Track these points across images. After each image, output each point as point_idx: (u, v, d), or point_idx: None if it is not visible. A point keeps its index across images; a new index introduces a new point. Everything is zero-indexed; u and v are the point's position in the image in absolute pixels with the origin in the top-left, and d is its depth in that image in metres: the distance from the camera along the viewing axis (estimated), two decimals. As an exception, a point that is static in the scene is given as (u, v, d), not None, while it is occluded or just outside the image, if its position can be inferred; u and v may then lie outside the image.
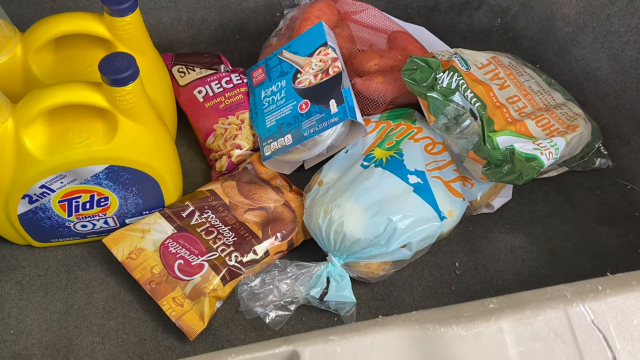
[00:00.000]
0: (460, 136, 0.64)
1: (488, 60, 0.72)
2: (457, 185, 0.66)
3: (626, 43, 0.76)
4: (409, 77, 0.66)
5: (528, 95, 0.70)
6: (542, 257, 0.70)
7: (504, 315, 0.36)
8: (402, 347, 0.35)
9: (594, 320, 0.37)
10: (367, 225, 0.61)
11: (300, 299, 0.62)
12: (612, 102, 0.79)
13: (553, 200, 0.76)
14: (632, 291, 0.38)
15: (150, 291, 0.62)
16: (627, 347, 0.36)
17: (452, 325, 0.36)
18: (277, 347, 0.35)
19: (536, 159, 0.59)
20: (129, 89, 0.54)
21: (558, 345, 0.36)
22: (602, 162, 0.77)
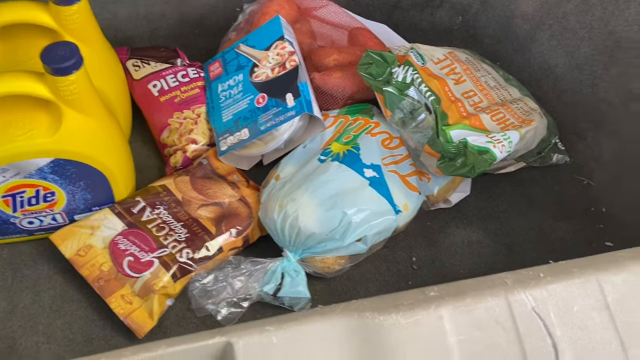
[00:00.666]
0: (416, 130, 0.64)
1: (445, 55, 0.72)
2: (413, 180, 0.66)
3: (581, 40, 0.76)
4: (365, 72, 0.66)
5: (484, 90, 0.70)
6: (499, 252, 0.70)
7: (444, 303, 0.36)
8: (340, 336, 0.34)
9: (534, 308, 0.36)
10: (322, 219, 0.60)
11: (253, 295, 0.61)
12: (568, 99, 0.80)
13: (511, 196, 0.76)
14: (572, 278, 0.38)
15: (98, 289, 0.60)
16: (567, 333, 0.36)
17: (391, 314, 0.35)
18: (211, 338, 0.34)
19: (489, 152, 0.59)
20: (73, 78, 0.52)
21: (498, 333, 0.35)
22: (559, 158, 0.77)
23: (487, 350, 0.35)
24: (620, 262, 0.39)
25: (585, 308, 0.37)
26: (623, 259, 0.39)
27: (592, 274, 0.38)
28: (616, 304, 0.37)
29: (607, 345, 0.36)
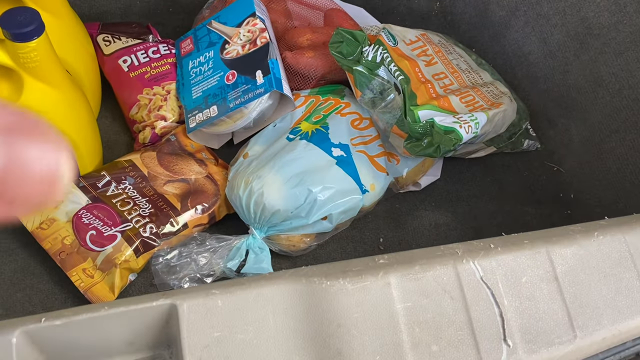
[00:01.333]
0: (385, 110, 0.64)
1: (417, 37, 0.72)
2: (381, 160, 0.66)
3: (554, 26, 0.77)
4: (335, 50, 0.66)
5: (455, 72, 0.70)
6: (466, 235, 0.70)
7: (392, 271, 0.36)
8: (287, 300, 0.34)
9: (482, 277, 0.36)
10: (287, 197, 0.60)
11: (217, 271, 0.61)
12: (542, 86, 0.80)
13: (481, 181, 0.76)
14: (523, 249, 0.38)
15: (59, 262, 0.59)
16: (514, 303, 0.36)
17: (338, 279, 0.35)
18: (155, 300, 0.34)
19: (454, 132, 0.59)
20: (33, 45, 0.51)
21: (445, 301, 0.35)
22: (530, 144, 0.78)
23: (434, 318, 0.35)
24: (570, 235, 0.39)
25: (534, 279, 0.37)
26: (574, 233, 0.39)
27: (542, 246, 0.38)
28: (565, 275, 0.37)
29: (553, 315, 0.36)
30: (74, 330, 0.33)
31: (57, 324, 0.32)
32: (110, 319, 0.33)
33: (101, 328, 0.34)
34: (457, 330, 0.35)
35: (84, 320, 0.33)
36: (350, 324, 0.34)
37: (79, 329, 0.33)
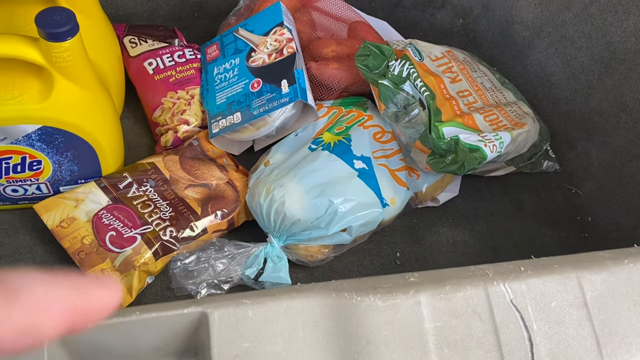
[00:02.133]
0: (409, 125, 0.64)
1: (442, 53, 0.72)
2: (402, 175, 0.66)
3: (579, 49, 0.77)
4: (361, 63, 0.66)
5: (479, 90, 0.70)
6: (483, 253, 0.70)
7: (423, 289, 0.36)
8: (317, 314, 0.34)
9: (512, 300, 0.36)
10: (308, 207, 0.60)
11: (235, 278, 0.61)
12: (563, 108, 0.80)
13: (499, 199, 0.76)
14: (553, 274, 0.38)
15: (78, 261, 0.59)
16: (544, 328, 0.36)
17: (369, 295, 0.35)
18: (186, 307, 0.34)
19: (479, 150, 0.59)
20: (67, 45, 0.52)
21: (475, 322, 0.35)
22: (549, 165, 0.78)
23: (463, 338, 0.35)
24: (600, 262, 0.39)
25: (563, 304, 0.37)
26: (604, 259, 0.39)
27: (572, 272, 0.38)
28: (594, 302, 0.37)
29: (582, 341, 0.36)
30: (104, 333, 0.33)
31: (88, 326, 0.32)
32: (141, 324, 0.33)
33: (130, 332, 0.34)
34: (486, 352, 0.35)
35: (115, 324, 0.33)
36: (380, 341, 0.34)
37: (109, 332, 0.33)
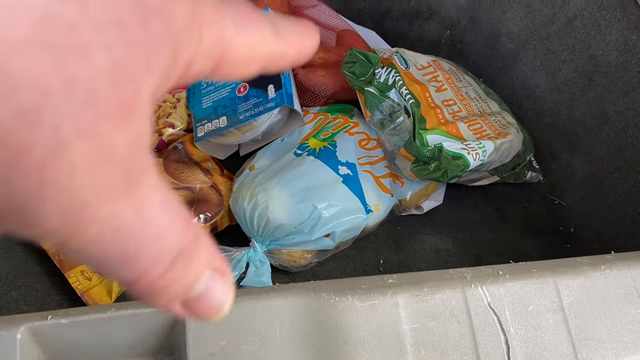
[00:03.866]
0: (394, 132, 0.64)
1: (428, 62, 0.72)
2: (387, 182, 0.66)
3: (563, 62, 0.78)
4: (348, 70, 0.66)
5: (464, 100, 0.71)
6: (466, 262, 0.70)
7: (401, 291, 0.36)
8: (294, 314, 0.34)
9: (490, 303, 0.36)
10: (292, 211, 0.60)
11: (216, 282, 0.60)
12: (547, 119, 0.81)
13: (483, 209, 0.76)
14: (531, 278, 0.38)
15: (58, 262, 0.59)
16: (520, 331, 0.36)
17: (347, 296, 0.35)
18: (162, 305, 0.33)
19: (462, 158, 0.60)
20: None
21: (452, 325, 0.35)
22: (533, 176, 0.78)
23: (440, 340, 0.35)
24: (578, 267, 0.39)
25: (540, 308, 0.37)
26: (581, 265, 0.40)
27: (549, 276, 0.38)
28: (571, 307, 0.37)
29: (558, 346, 0.36)
30: (79, 330, 0.33)
31: (63, 322, 0.32)
32: (116, 320, 0.33)
33: (105, 330, 0.34)
34: (463, 355, 0.35)
35: (89, 320, 0.32)
36: (357, 342, 0.34)
37: (84, 328, 0.33)
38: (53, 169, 0.11)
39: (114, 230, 0.12)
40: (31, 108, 0.10)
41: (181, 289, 0.14)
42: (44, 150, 0.10)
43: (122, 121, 0.11)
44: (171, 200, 0.13)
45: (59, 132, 0.11)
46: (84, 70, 0.11)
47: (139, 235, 0.13)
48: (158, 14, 0.12)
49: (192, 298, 0.14)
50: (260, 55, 0.16)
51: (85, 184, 0.11)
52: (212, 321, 0.15)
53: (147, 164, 0.13)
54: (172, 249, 0.13)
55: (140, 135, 0.12)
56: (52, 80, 0.10)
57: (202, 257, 0.14)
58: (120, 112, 0.11)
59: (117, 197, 0.12)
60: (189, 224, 0.14)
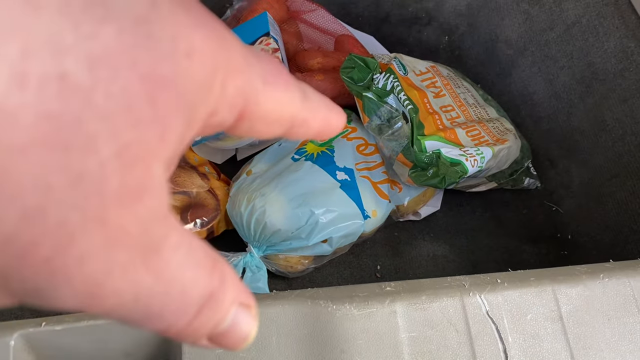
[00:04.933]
0: (392, 138, 0.64)
1: (427, 68, 0.72)
2: (384, 187, 0.66)
3: (561, 69, 0.78)
4: (346, 75, 0.66)
5: (462, 106, 0.71)
6: (463, 268, 0.70)
7: (399, 299, 0.35)
8: (291, 322, 0.34)
9: (488, 312, 0.36)
10: (289, 216, 0.60)
11: (212, 287, 0.60)
12: (544, 126, 0.81)
13: (480, 215, 0.76)
14: (529, 286, 0.38)
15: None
16: (519, 340, 0.36)
17: (344, 304, 0.35)
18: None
19: (460, 164, 0.59)
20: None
21: (450, 333, 0.35)
22: (530, 182, 0.78)
23: (438, 349, 0.34)
24: (576, 276, 0.39)
25: (539, 317, 0.37)
26: (580, 274, 0.39)
27: (548, 285, 0.38)
28: (569, 315, 0.37)
29: (556, 355, 0.36)
30: (73, 336, 0.33)
31: (57, 329, 0.31)
32: (111, 328, 0.33)
33: (100, 337, 0.33)
34: (461, 363, 0.34)
35: (84, 327, 0.32)
36: (354, 350, 0.34)
37: (79, 335, 0.33)
38: (62, 261, 0.11)
39: (134, 297, 0.12)
40: (36, 208, 0.10)
41: (209, 329, 0.14)
42: (51, 246, 0.10)
43: (132, 203, 0.11)
44: (195, 250, 0.13)
45: (65, 227, 0.10)
46: (90, 163, 0.10)
47: (161, 297, 0.13)
48: (168, 84, 0.11)
49: (218, 333, 0.15)
50: (284, 116, 0.15)
51: (98, 268, 0.11)
52: (237, 350, 0.15)
53: (166, 230, 0.13)
54: (198, 299, 0.13)
55: (154, 210, 0.12)
56: (57, 178, 0.10)
57: (228, 297, 0.14)
58: (129, 196, 0.11)
59: (134, 270, 0.12)
60: (214, 267, 0.14)
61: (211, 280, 0.14)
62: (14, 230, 0.10)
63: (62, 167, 0.10)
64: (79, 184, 0.10)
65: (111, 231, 0.11)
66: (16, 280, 0.11)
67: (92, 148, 0.10)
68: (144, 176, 0.11)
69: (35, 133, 0.10)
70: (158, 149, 0.12)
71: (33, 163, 0.10)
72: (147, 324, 0.13)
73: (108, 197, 0.11)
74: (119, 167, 0.11)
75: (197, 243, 0.14)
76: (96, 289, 0.12)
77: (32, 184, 0.10)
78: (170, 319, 0.13)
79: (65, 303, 0.12)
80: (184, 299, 0.13)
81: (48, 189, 0.10)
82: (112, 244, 0.11)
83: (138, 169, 0.11)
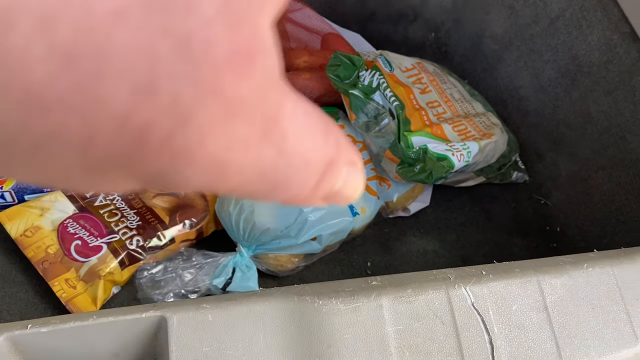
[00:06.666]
0: (379, 135, 0.64)
1: (413, 65, 0.73)
2: (373, 184, 0.66)
3: (546, 62, 0.78)
4: (332, 73, 0.66)
5: (449, 101, 0.71)
6: (453, 263, 0.70)
7: (385, 293, 0.36)
8: (278, 318, 0.34)
9: (474, 303, 0.36)
10: (278, 215, 0.60)
11: (202, 288, 0.60)
12: (532, 120, 0.81)
13: (469, 210, 0.77)
14: (514, 277, 0.38)
15: (42, 271, 0.58)
16: (504, 331, 0.36)
17: (331, 299, 0.35)
18: (144, 312, 0.33)
19: (447, 159, 0.60)
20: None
21: (436, 326, 0.35)
22: (518, 176, 0.79)
23: (424, 342, 0.35)
24: (561, 266, 0.39)
25: (524, 308, 0.37)
26: (564, 264, 0.40)
27: (533, 275, 0.38)
28: (554, 305, 0.37)
29: (542, 344, 0.36)
30: (60, 338, 0.33)
31: (43, 331, 0.31)
32: (98, 328, 0.33)
33: (87, 338, 0.33)
34: (447, 355, 0.35)
35: (71, 328, 0.32)
36: (341, 344, 0.34)
37: (65, 337, 0.33)
38: (182, 140, 0.10)
39: (258, 173, 0.12)
40: (146, 82, 0.09)
41: (326, 192, 0.14)
42: (168, 124, 0.10)
43: (246, 69, 0.10)
44: (310, 115, 0.13)
45: (180, 100, 0.10)
46: (193, 24, 0.09)
47: (285, 169, 0.12)
48: None
49: (333, 193, 0.14)
50: None
51: (220, 144, 0.11)
52: (347, 204, 0.16)
53: (281, 95, 0.12)
54: (319, 167, 0.13)
55: (268, 73, 0.11)
56: (162, 45, 0.09)
57: (342, 160, 0.14)
58: (241, 60, 0.10)
59: (256, 143, 0.11)
60: (329, 130, 0.13)
61: (328, 146, 0.13)
62: (126, 110, 0.09)
63: (166, 31, 0.09)
64: (186, 50, 0.09)
65: (229, 102, 0.10)
66: (138, 165, 0.10)
67: (193, 5, 0.09)
68: (253, 34, 0.10)
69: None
70: (261, 1, 0.10)
71: (134, 28, 0.09)
72: (271, 196, 0.13)
73: (220, 63, 0.10)
74: (225, 26, 0.10)
75: (309, 106, 0.13)
76: (220, 168, 0.11)
77: (138, 53, 0.09)
78: (294, 189, 0.13)
79: (189, 185, 0.11)
80: (307, 169, 0.13)
81: (155, 58, 0.09)
82: (232, 116, 0.10)
83: (246, 27, 0.10)
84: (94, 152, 0.10)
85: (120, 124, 0.09)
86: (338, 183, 0.14)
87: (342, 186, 0.14)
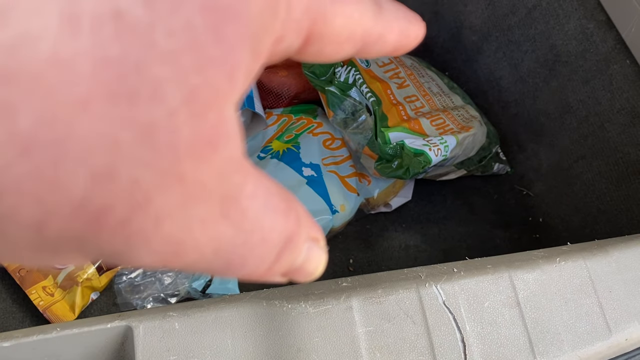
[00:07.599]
0: (357, 131, 0.64)
1: (390, 59, 0.72)
2: (352, 181, 0.66)
3: (525, 53, 0.78)
4: (308, 70, 0.66)
5: (427, 95, 0.71)
6: (435, 257, 0.70)
7: (355, 294, 0.35)
8: (246, 324, 0.34)
9: (445, 301, 0.36)
10: (256, 216, 0.59)
11: (182, 292, 0.60)
12: (512, 110, 0.81)
13: (452, 203, 0.77)
14: (486, 274, 0.38)
15: (18, 280, 0.57)
16: (476, 328, 0.36)
17: (300, 303, 0.34)
18: (109, 322, 0.33)
19: (424, 154, 0.59)
20: None
21: (407, 325, 0.35)
22: (500, 168, 0.78)
23: (395, 342, 0.34)
24: (533, 260, 0.39)
25: (496, 304, 0.37)
26: (536, 258, 0.40)
27: (505, 271, 0.38)
28: (526, 301, 0.37)
29: (515, 341, 0.36)
30: (24, 352, 0.32)
31: (5, 345, 0.31)
32: (63, 340, 0.32)
33: (52, 350, 0.33)
34: (419, 355, 0.34)
35: (34, 342, 0.31)
36: (311, 348, 0.33)
37: (29, 351, 0.32)
38: (139, 223, 0.10)
39: (214, 251, 0.12)
40: (106, 168, 0.09)
41: (285, 269, 0.14)
42: (125, 208, 0.10)
43: (209, 154, 0.10)
44: (271, 193, 0.13)
45: (139, 186, 0.10)
46: (157, 114, 0.09)
47: (242, 247, 0.12)
48: (233, 13, 0.10)
49: (292, 270, 0.14)
50: (356, 33, 0.14)
51: (177, 227, 0.11)
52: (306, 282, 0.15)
53: (242, 176, 0.12)
54: (277, 244, 0.13)
55: (229, 158, 0.11)
56: (124, 134, 0.09)
57: (303, 236, 0.14)
58: (204, 146, 0.10)
59: (214, 224, 0.11)
60: (289, 207, 0.13)
61: (288, 223, 0.13)
62: (85, 194, 0.09)
63: (129, 121, 0.09)
64: (148, 138, 0.09)
65: (188, 187, 0.10)
66: (92, 245, 0.10)
67: (158, 96, 0.09)
68: (216, 122, 0.10)
69: (96, 83, 0.09)
70: (228, 90, 0.10)
71: (97, 118, 0.09)
72: (228, 273, 0.13)
73: (181, 150, 0.10)
74: (189, 115, 0.10)
75: (271, 185, 0.13)
76: (176, 247, 0.11)
77: (99, 142, 0.09)
78: (251, 266, 0.13)
79: (143, 263, 0.11)
80: (264, 247, 0.13)
81: (116, 146, 0.09)
82: (190, 200, 0.10)
83: (210, 116, 0.10)
84: (47, 234, 0.10)
85: (76, 209, 0.09)
86: (298, 260, 0.14)
87: (303, 263, 0.14)
